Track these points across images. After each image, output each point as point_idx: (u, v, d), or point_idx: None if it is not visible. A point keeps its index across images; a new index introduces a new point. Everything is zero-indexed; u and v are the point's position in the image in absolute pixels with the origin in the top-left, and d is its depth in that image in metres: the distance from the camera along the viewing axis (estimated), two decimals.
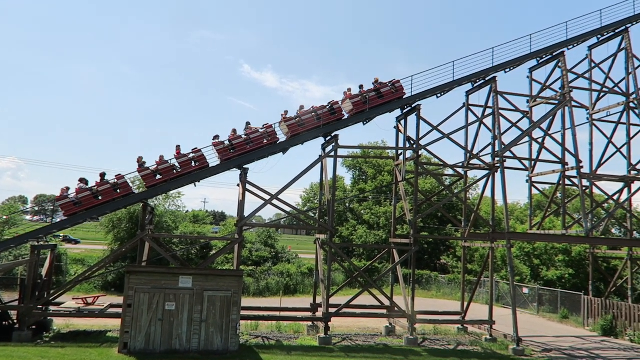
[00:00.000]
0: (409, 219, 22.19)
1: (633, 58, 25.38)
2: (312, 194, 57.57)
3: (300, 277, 35.58)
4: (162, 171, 19.46)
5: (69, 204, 18.67)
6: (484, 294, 33.20)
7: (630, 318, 23.68)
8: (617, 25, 24.84)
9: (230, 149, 20.03)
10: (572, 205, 42.89)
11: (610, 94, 26.05)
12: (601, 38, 25.59)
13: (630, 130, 25.54)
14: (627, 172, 25.30)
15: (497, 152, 22.30)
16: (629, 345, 22.19)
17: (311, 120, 20.89)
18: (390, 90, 21.88)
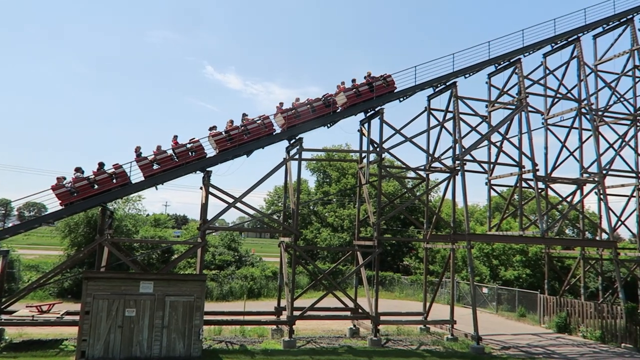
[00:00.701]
0: (372, 221, 22.43)
1: (584, 66, 26.52)
2: (276, 197, 57.35)
3: (264, 281, 35.33)
4: (161, 161, 19.15)
5: (65, 193, 18.06)
6: (446, 294, 33.88)
7: (582, 315, 24.67)
8: (569, 34, 25.90)
9: (228, 139, 19.92)
10: (528, 207, 44.35)
11: (563, 100, 27.12)
12: (555, 46, 26.65)
13: (582, 134, 26.66)
14: (580, 175, 26.38)
15: (457, 155, 22.84)
16: (581, 341, 23.11)
17: (307, 112, 21.04)
18: (382, 85, 22.21)
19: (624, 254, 28.31)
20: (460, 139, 22.94)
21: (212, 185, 19.53)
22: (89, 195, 18.27)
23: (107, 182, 18.51)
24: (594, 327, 23.74)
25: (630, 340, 21.79)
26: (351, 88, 21.94)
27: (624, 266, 26.81)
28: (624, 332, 22.11)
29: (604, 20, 26.91)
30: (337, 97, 21.86)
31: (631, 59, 27.91)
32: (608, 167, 26.46)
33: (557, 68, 27.42)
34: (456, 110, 23.28)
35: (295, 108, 21.07)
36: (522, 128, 25.21)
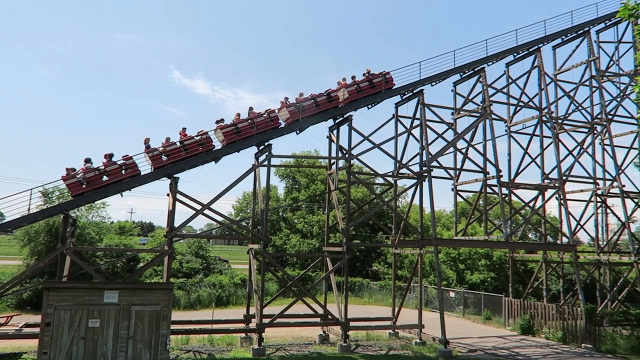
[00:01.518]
0: (341, 227, 22.53)
1: (545, 75, 27.47)
2: (245, 203, 56.96)
3: (233, 288, 34.94)
4: (170, 152, 19.22)
5: (75, 183, 17.95)
6: (414, 298, 34.28)
7: (545, 317, 25.38)
8: (530, 45, 26.78)
9: (236, 132, 20.24)
10: (493, 212, 45.43)
11: (525, 108, 28.00)
12: (517, 56, 27.50)
13: (543, 141, 27.53)
14: (541, 181, 27.23)
15: (424, 161, 23.23)
16: (544, 343, 23.77)
17: (310, 106, 21.50)
18: (381, 81, 22.84)
19: (583, 257, 29.36)
20: (427, 146, 23.35)
21: (180, 192, 19.23)
22: (100, 186, 18.25)
23: (117, 173, 18.55)
24: (555, 328, 24.44)
25: (590, 340, 22.54)
26: (352, 84, 22.54)
27: (583, 269, 27.77)
28: (584, 332, 22.84)
29: (563, 32, 27.95)
30: (339, 92, 22.34)
31: (588, 70, 29.07)
32: (568, 174, 27.42)
33: (519, 77, 28.33)
34: (423, 118, 23.70)
35: (300, 103, 21.49)
36: (486, 135, 25.87)
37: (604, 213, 29.97)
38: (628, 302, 29.20)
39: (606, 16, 29.20)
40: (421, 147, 23.72)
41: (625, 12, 7.62)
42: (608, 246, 30.38)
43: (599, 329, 22.88)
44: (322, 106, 21.91)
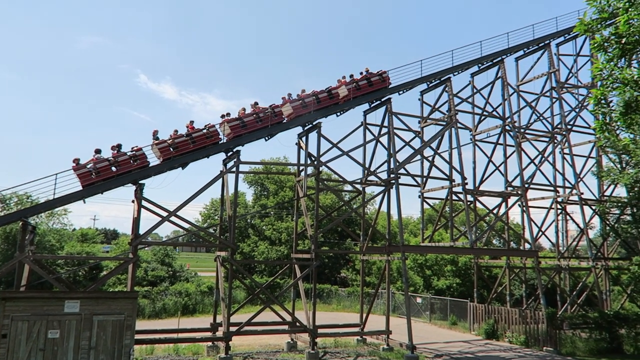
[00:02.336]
0: (310, 234, 22.52)
1: (508, 86, 28.29)
2: (213, 210, 56.24)
3: (199, 296, 34.38)
4: (179, 144, 19.48)
5: (86, 173, 17.92)
6: (382, 305, 34.51)
7: (508, 321, 25.95)
8: (494, 56, 27.56)
9: (242, 126, 20.80)
10: (458, 219, 46.33)
11: (489, 117, 28.73)
12: (481, 67, 28.26)
13: (507, 150, 28.30)
14: (505, 188, 27.95)
15: (392, 169, 23.52)
16: (508, 346, 24.29)
17: (300, 106, 21.93)
18: (378, 80, 23.79)
19: (545, 263, 30.23)
20: (394, 154, 23.65)
21: (145, 198, 18.84)
22: (109, 177, 18.31)
23: (127, 163, 18.64)
24: (518, 332, 25.02)
25: (551, 343, 23.16)
26: (351, 82, 23.30)
27: (544, 274, 28.58)
28: (545, 336, 23.47)
29: (525, 44, 28.89)
30: (339, 90, 23.04)
31: (549, 81, 30.11)
32: (530, 181, 28.25)
33: (483, 87, 29.08)
34: (391, 126, 24.01)
35: (302, 99, 22.14)
36: (452, 143, 26.41)
37: (564, 220, 30.94)
38: (587, 306, 30.16)
39: (565, 30, 30.35)
40: (389, 154, 24.00)
41: (581, 27, 7.95)
42: (568, 252, 31.36)
43: (560, 332, 23.55)
44: (323, 103, 22.61)
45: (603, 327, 23.10)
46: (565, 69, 31.53)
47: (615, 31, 7.56)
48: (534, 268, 26.95)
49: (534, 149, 29.72)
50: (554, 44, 30.54)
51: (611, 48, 7.73)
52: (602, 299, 28.75)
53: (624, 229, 28.56)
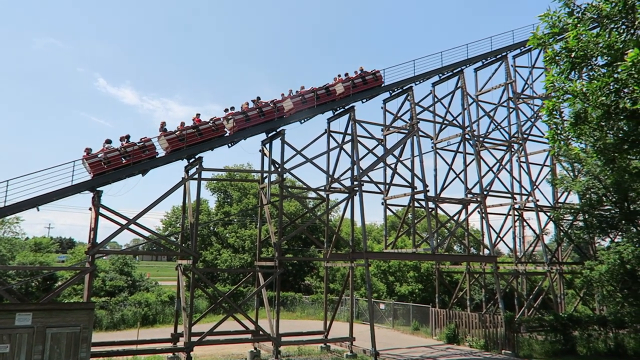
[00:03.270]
0: (273, 241, 22.41)
1: (467, 96, 29.10)
2: (174, 217, 55.22)
3: (160, 306, 33.53)
4: (187, 136, 20.09)
5: (97, 162, 18.28)
6: (345, 311, 34.61)
7: (469, 325, 26.51)
8: (454, 67, 28.31)
9: (246, 119, 21.51)
10: (420, 225, 47.09)
11: (450, 126, 29.45)
12: (442, 76, 28.96)
13: (466, 158, 29.05)
14: (465, 195, 28.65)
15: (355, 176, 23.73)
16: (468, 350, 24.80)
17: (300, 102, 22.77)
18: (372, 79, 25.01)
19: (503, 268, 31.10)
20: (358, 161, 23.88)
21: (103, 206, 18.32)
22: (120, 166, 18.67)
23: (138, 154, 19.09)
24: (478, 336, 25.58)
25: (509, 346, 23.79)
26: (347, 80, 24.27)
27: (503, 279, 29.39)
28: (504, 339, 24.08)
29: (483, 56, 29.81)
30: (336, 87, 24.09)
31: (506, 92, 31.15)
32: (488, 189, 29.07)
33: (444, 97, 29.78)
34: (354, 133, 24.25)
35: (302, 95, 23.10)
36: (414, 151, 26.90)
37: (521, 226, 31.95)
38: (543, 309, 31.18)
39: (521, 43, 31.50)
40: (352, 162, 24.21)
41: (534, 40, 8.29)
42: (525, 257, 32.38)
43: (517, 335, 24.21)
44: (321, 99, 23.52)
45: (558, 330, 23.90)
46: (521, 80, 32.76)
47: (565, 45, 7.93)
48: (493, 273, 27.67)
49: (493, 157, 30.65)
50: (510, 56, 31.66)
51: (562, 61, 8.11)
52: (557, 302, 29.76)
53: (577, 235, 29.73)
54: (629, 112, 7.72)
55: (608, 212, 25.59)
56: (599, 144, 9.10)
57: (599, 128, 8.25)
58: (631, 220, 23.62)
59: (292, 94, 23.10)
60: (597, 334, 24.30)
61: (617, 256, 21.99)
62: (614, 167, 10.65)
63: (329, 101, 23.74)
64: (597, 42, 7.49)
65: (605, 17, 7.61)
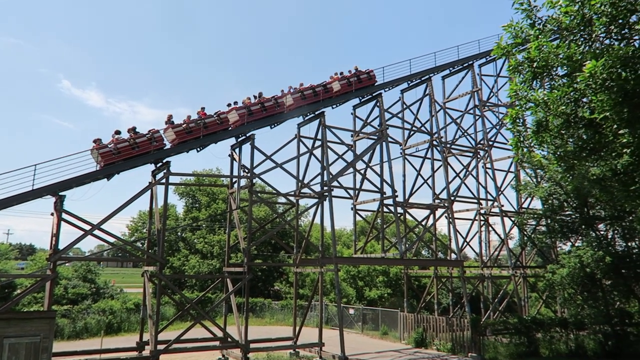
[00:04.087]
0: (242, 247, 22.23)
1: (435, 103, 29.63)
2: (141, 223, 54.04)
3: (125, 314, 32.71)
4: (193, 129, 20.82)
5: (108, 153, 18.76)
6: (315, 317, 34.55)
7: (436, 329, 26.86)
8: (422, 74, 28.80)
9: (249, 113, 22.35)
10: (389, 230, 47.55)
11: (418, 133, 29.91)
12: (410, 84, 29.40)
13: (434, 164, 29.53)
14: (432, 201, 29.09)
15: (325, 181, 23.80)
16: (436, 354, 25.12)
17: (299, 98, 23.76)
18: (366, 78, 26.12)
19: (469, 272, 31.67)
20: (327, 166, 23.97)
21: (65, 211, 17.79)
22: (130, 157, 19.22)
23: (147, 145, 19.59)
24: (445, 340, 25.95)
25: (475, 349, 24.22)
26: (343, 78, 25.40)
27: (469, 283, 29.94)
28: (470, 342, 24.50)
29: (450, 64, 30.44)
30: (333, 84, 25.05)
31: (472, 99, 31.85)
32: (455, 194, 29.61)
33: (412, 103, 30.25)
34: (324, 139, 24.34)
35: (302, 91, 24.09)
36: (383, 157, 27.17)
37: (487, 231, 32.64)
38: (507, 312, 31.90)
39: (487, 52, 32.32)
40: (322, 167, 24.29)
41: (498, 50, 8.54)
42: (490, 261, 33.09)
43: (483, 338, 24.68)
44: (320, 95, 24.58)
45: (522, 332, 24.48)
46: (487, 89, 33.57)
47: (527, 55, 8.20)
48: (459, 277, 28.15)
49: (459, 164, 31.26)
50: (476, 65, 32.40)
51: (524, 71, 8.37)
52: (520, 305, 30.50)
53: (540, 239, 30.57)
54: (587, 120, 8.02)
55: (569, 217, 26.45)
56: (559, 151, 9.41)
57: (559, 136, 8.55)
58: (590, 225, 24.47)
59: (291, 91, 24.12)
60: (559, 335, 25.01)
61: (577, 260, 22.69)
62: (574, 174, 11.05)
63: (327, 97, 24.86)
64: (558, 53, 7.77)
65: (565, 29, 7.92)
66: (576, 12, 7.63)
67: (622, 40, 7.76)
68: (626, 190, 9.14)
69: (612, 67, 6.96)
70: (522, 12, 8.19)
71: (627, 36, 7.66)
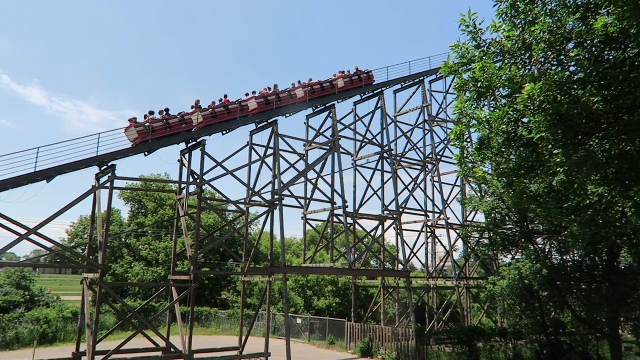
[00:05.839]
0: (190, 254, 21.74)
1: (387, 116, 30.25)
2: (82, 228, 51.86)
3: (61, 323, 31.10)
4: (218, 114, 22.40)
5: (144, 132, 20.06)
6: (262, 326, 34.20)
7: (382, 339, 27.21)
8: (375, 87, 29.37)
9: (266, 103, 23.94)
10: (339, 240, 47.90)
11: (369, 145, 30.42)
12: (363, 96, 29.93)
13: (384, 176, 30.10)
14: (382, 212, 29.59)
15: (276, 190, 23.73)
16: None
17: (309, 92, 25.70)
18: (366, 77, 28.41)
19: (416, 282, 32.36)
20: (279, 175, 23.93)
21: None
22: (163, 136, 20.66)
23: (178, 126, 21.17)
24: (391, 349, 26.32)
25: (420, 358, 24.70)
26: (346, 76, 27.53)
27: (415, 293, 30.56)
28: (415, 352, 24.98)
29: (402, 79, 31.22)
30: (338, 81, 27.17)
31: (422, 114, 32.78)
32: (404, 206, 30.24)
33: (365, 116, 30.76)
34: (276, 147, 24.30)
35: (311, 86, 26.12)
36: (334, 167, 27.44)
37: (433, 242, 33.50)
38: (451, 322, 32.78)
39: (437, 69, 33.42)
40: (274, 176, 24.21)
41: (446, 69, 8.88)
42: (436, 272, 33.94)
43: (427, 347, 25.22)
44: (327, 90, 26.55)
45: (464, 342, 25.18)
46: (437, 104, 34.64)
47: (472, 75, 8.57)
48: (406, 287, 28.68)
49: (409, 176, 31.99)
50: (427, 81, 33.40)
51: (469, 90, 8.74)
52: (464, 315, 31.42)
53: (483, 252, 31.66)
54: (526, 140, 8.45)
55: (510, 231, 27.56)
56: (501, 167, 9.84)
57: (500, 153, 8.96)
58: (529, 238, 25.59)
59: (301, 84, 25.95)
60: (499, 345, 25.92)
61: (516, 272, 23.66)
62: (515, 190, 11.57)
63: (332, 94, 26.90)
64: (500, 75, 8.16)
65: (507, 52, 8.34)
66: (518, 37, 8.06)
67: (559, 66, 8.25)
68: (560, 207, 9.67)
69: (549, 91, 7.38)
70: (469, 34, 8.56)
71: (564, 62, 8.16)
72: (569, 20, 7.68)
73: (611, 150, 8.02)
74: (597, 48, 7.47)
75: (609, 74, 7.32)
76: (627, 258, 22.15)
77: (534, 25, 7.78)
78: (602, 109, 7.64)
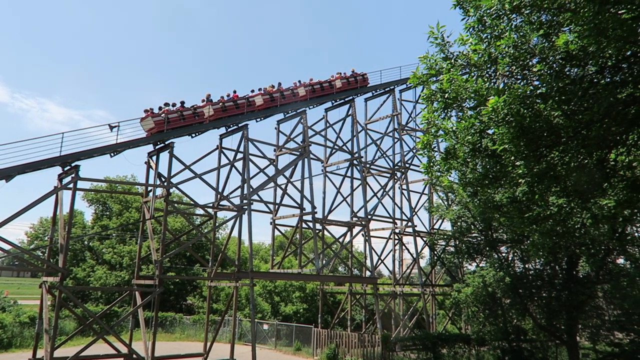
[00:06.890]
0: (155, 258, 21.32)
1: (357, 124, 30.52)
2: (42, 230, 50.23)
3: (17, 328, 29.99)
4: (228, 107, 23.52)
5: (160, 121, 21.07)
6: (228, 332, 33.79)
7: (349, 345, 27.26)
8: (346, 94, 29.61)
9: (271, 99, 25.17)
10: (307, 246, 47.89)
11: (339, 151, 30.59)
12: (335, 103, 30.11)
13: (353, 183, 30.30)
14: (350, 219, 29.76)
15: (245, 194, 23.58)
16: None
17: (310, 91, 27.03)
18: (361, 79, 30.19)
19: (383, 289, 32.62)
20: (248, 179, 23.79)
21: None
22: (178, 127, 21.67)
23: (191, 118, 22.23)
24: (357, 355, 26.40)
25: None
26: (343, 77, 29.00)
27: (382, 299, 30.80)
28: (380, 358, 25.14)
29: (373, 87, 31.57)
30: (335, 81, 28.66)
31: (392, 123, 33.19)
32: (372, 213, 30.50)
33: (335, 122, 30.94)
34: (246, 152, 24.17)
35: (312, 85, 27.52)
36: (304, 173, 27.46)
37: (400, 249, 33.86)
38: (417, 329, 33.16)
39: (407, 79, 33.92)
40: (243, 180, 24.05)
41: (414, 79, 9.05)
42: (402, 279, 34.31)
43: (393, 353, 25.42)
44: (326, 90, 27.87)
45: (428, 348, 25.53)
46: (406, 113, 35.14)
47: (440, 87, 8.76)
48: (373, 294, 28.87)
49: (377, 184, 32.28)
50: (397, 90, 33.86)
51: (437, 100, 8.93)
52: (429, 322, 31.82)
53: (448, 259, 32.21)
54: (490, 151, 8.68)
55: (475, 239, 28.17)
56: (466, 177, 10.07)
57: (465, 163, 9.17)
58: (493, 247, 26.22)
59: (302, 83, 27.08)
60: (462, 351, 26.38)
61: (480, 279, 24.17)
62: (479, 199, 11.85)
63: (331, 93, 28.28)
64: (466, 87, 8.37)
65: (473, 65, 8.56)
66: (484, 51, 8.28)
67: (523, 80, 8.53)
68: (522, 217, 9.95)
69: (512, 104, 7.62)
70: (437, 45, 8.75)
71: (527, 76, 8.44)
72: (533, 36, 7.95)
73: (570, 163, 8.32)
74: (558, 64, 7.76)
75: (569, 90, 7.60)
76: (585, 267, 22.94)
77: (500, 40, 8.03)
78: (562, 123, 7.93)
